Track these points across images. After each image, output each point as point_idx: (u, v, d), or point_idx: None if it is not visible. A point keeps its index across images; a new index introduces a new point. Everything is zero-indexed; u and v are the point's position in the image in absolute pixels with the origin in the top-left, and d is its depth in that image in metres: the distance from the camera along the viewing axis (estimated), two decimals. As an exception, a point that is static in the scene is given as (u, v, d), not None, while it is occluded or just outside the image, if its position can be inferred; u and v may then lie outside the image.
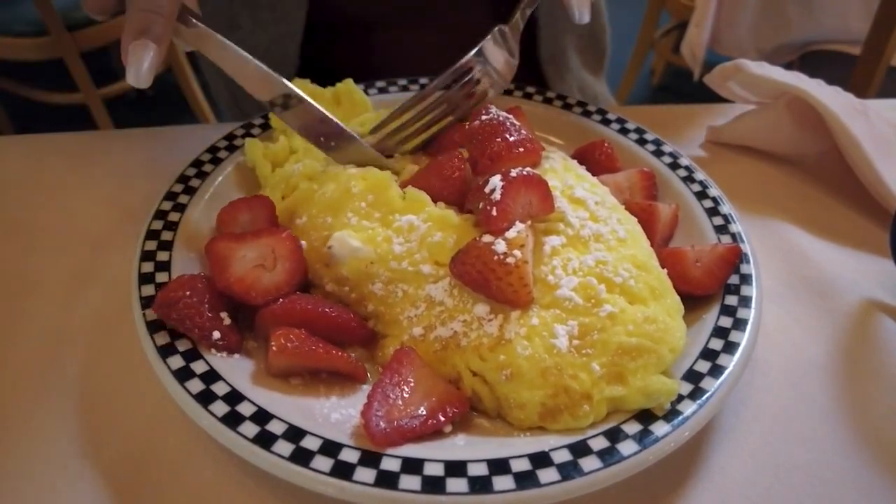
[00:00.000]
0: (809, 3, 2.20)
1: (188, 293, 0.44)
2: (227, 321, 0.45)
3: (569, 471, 0.38)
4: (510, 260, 0.43)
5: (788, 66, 2.34)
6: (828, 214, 0.68)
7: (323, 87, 0.67)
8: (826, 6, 2.20)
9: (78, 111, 2.13)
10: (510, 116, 0.53)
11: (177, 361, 0.43)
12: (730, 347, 0.45)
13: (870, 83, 1.76)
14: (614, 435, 0.40)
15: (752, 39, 2.34)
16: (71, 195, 0.68)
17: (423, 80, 0.74)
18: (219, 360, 0.44)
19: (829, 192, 0.71)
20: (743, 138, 0.76)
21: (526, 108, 0.70)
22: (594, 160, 0.62)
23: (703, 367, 0.44)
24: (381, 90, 0.73)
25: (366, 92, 0.71)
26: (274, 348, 0.42)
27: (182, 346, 0.44)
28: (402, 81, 0.74)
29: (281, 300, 0.45)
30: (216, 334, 0.44)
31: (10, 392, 0.49)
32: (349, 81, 0.67)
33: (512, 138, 0.50)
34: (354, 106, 0.67)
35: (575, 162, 0.58)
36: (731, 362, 0.44)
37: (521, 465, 0.38)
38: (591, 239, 0.47)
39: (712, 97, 0.82)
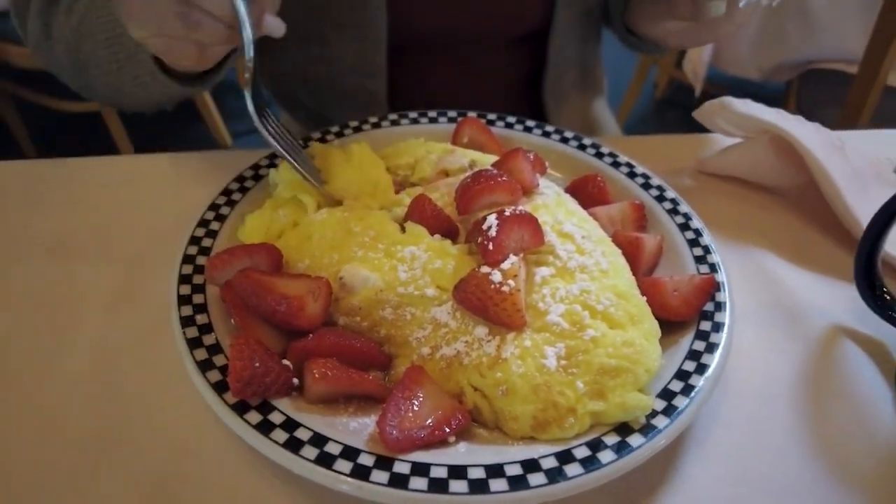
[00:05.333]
0: (808, 23, 2.25)
1: (256, 364, 0.46)
2: (286, 362, 0.49)
3: (555, 476, 0.43)
4: (505, 288, 0.49)
5: (788, 84, 2.39)
6: (806, 243, 0.73)
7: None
8: (825, 26, 2.24)
9: (91, 119, 2.21)
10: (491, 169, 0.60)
11: (215, 375, 0.49)
12: (701, 369, 0.50)
13: (865, 102, 1.81)
14: (595, 445, 0.46)
15: (752, 58, 2.39)
16: (105, 217, 0.74)
17: (431, 114, 0.80)
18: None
19: (809, 221, 0.76)
20: (729, 169, 0.82)
21: (525, 140, 0.77)
22: (587, 193, 0.68)
23: (676, 386, 0.49)
24: (394, 123, 0.79)
25: (378, 125, 0.78)
26: (316, 375, 0.47)
27: (219, 361, 0.50)
28: (413, 114, 0.81)
29: (311, 335, 0.50)
30: (295, 381, 0.49)
31: (60, 403, 0.54)
32: (364, 144, 0.70)
33: (482, 178, 0.57)
34: (364, 163, 0.69)
35: (568, 196, 0.64)
36: (701, 382, 0.49)
37: (514, 470, 0.44)
38: (576, 270, 0.53)
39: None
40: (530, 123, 0.79)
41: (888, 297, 0.60)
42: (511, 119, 0.80)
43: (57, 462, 0.50)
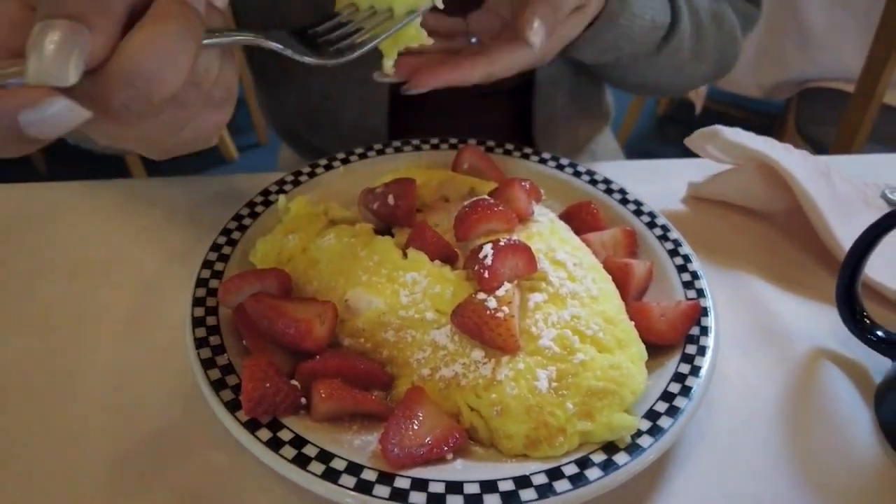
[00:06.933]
0: (807, 41, 2.28)
1: (267, 385, 0.49)
2: (294, 382, 0.52)
3: (545, 491, 0.46)
4: (500, 314, 0.52)
5: (787, 101, 2.42)
6: (792, 267, 0.76)
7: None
8: (823, 44, 2.28)
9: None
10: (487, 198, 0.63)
11: (227, 395, 0.52)
12: (686, 391, 0.53)
13: (863, 120, 1.84)
14: (583, 463, 0.49)
15: (752, 76, 2.43)
16: (121, 239, 0.77)
17: (433, 141, 0.84)
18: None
19: (795, 246, 0.79)
20: (719, 194, 0.85)
21: (522, 167, 0.80)
22: (581, 219, 0.71)
23: (661, 407, 0.52)
24: (398, 150, 0.83)
25: (382, 152, 0.81)
26: (322, 395, 0.50)
27: (231, 381, 0.53)
28: (415, 141, 0.84)
29: (318, 357, 0.53)
30: (303, 401, 0.52)
31: (78, 421, 0.57)
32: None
33: (480, 207, 0.61)
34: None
35: (561, 223, 0.67)
36: (685, 404, 0.52)
37: (506, 486, 0.47)
38: (568, 296, 0.56)
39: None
40: (528, 151, 0.82)
41: (868, 321, 0.63)
42: (509, 146, 0.83)
43: (74, 480, 0.53)
